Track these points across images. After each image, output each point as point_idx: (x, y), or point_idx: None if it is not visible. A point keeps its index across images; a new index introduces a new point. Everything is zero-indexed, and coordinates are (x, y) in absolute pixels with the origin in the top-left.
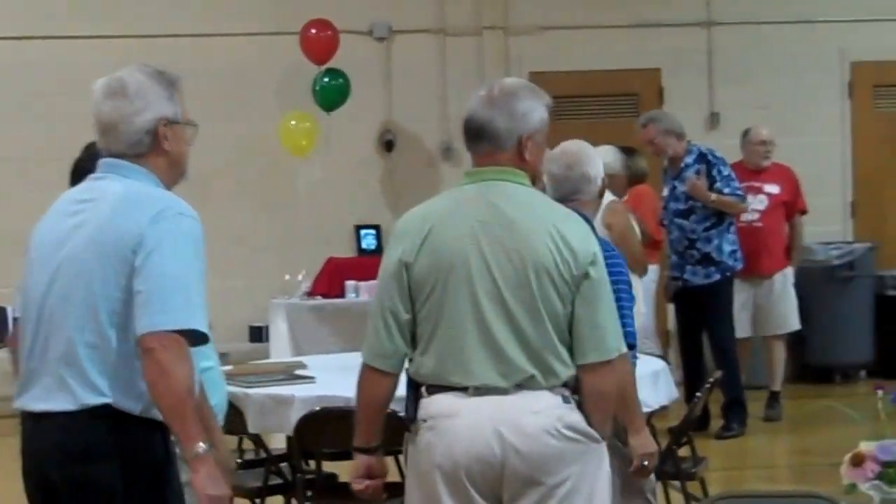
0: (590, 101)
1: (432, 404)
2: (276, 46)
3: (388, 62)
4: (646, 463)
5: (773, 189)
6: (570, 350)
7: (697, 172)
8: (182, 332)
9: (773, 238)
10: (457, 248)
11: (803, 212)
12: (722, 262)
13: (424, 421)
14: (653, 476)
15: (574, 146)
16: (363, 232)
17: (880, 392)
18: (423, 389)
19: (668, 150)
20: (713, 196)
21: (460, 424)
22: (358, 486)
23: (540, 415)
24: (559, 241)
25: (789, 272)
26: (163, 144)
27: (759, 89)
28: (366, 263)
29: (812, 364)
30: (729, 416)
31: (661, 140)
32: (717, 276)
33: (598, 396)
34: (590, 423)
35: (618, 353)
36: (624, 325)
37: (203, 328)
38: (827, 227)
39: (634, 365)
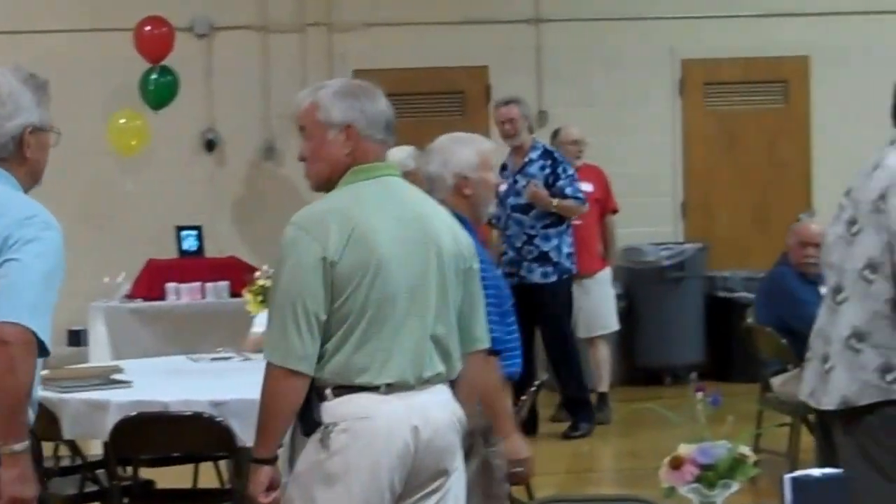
0: (416, 99)
1: (342, 406)
2: (105, 43)
3: (210, 60)
4: (520, 469)
5: (587, 188)
6: None
7: (543, 172)
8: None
9: (590, 238)
10: (380, 245)
11: (615, 211)
12: (560, 264)
13: (335, 424)
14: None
15: (441, 140)
16: (184, 233)
17: (700, 394)
18: (329, 391)
19: (520, 136)
20: (555, 202)
21: (378, 425)
22: (266, 499)
23: (445, 409)
24: (454, 235)
25: (607, 272)
26: (25, 152)
27: (589, 87)
28: (187, 265)
29: (642, 366)
30: (576, 415)
31: (519, 123)
32: (554, 277)
33: (472, 387)
34: None
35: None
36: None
37: (46, 341)
38: (658, 227)
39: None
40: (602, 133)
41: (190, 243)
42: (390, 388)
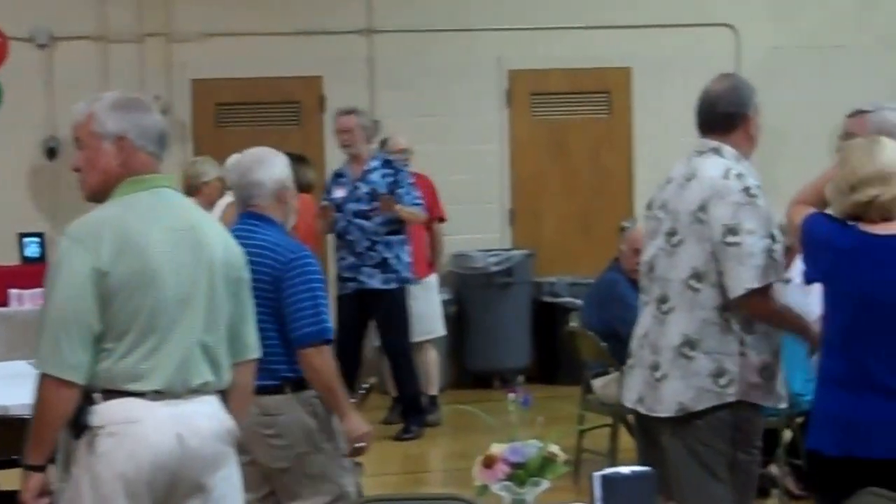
0: (253, 109)
1: (110, 410)
2: None
3: (51, 69)
4: (362, 444)
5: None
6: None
7: (385, 180)
8: None
9: (418, 244)
10: (152, 255)
11: (441, 219)
12: (399, 272)
13: (102, 427)
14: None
15: (247, 155)
16: (26, 240)
17: (511, 396)
18: (97, 395)
19: (357, 146)
20: (398, 207)
21: (143, 430)
22: None
23: (213, 418)
24: (226, 245)
25: (434, 278)
26: None
27: (421, 97)
28: (30, 271)
29: (472, 369)
30: (408, 418)
31: (359, 134)
32: (394, 284)
33: (243, 393)
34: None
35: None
36: (322, 321)
37: None
38: (487, 234)
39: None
40: (433, 142)
41: (32, 250)
42: (158, 395)
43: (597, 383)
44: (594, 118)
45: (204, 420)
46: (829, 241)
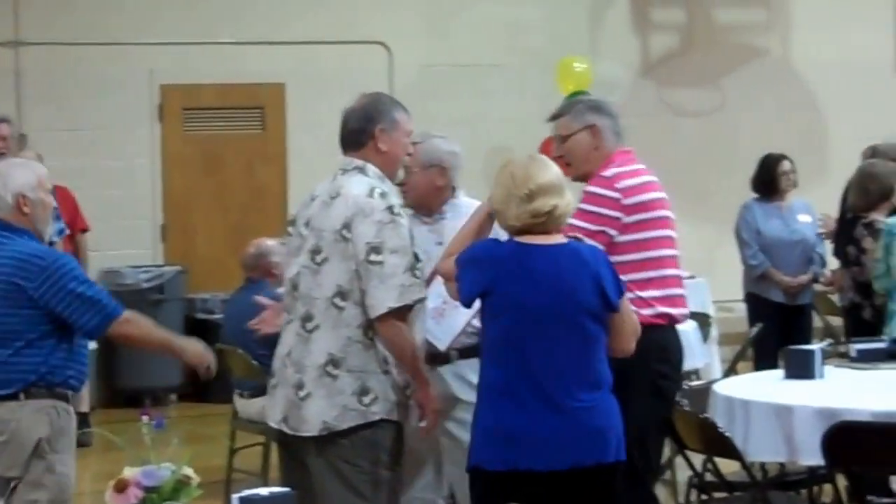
0: None
1: None
2: None
3: None
4: None
5: None
6: None
7: None
8: None
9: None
10: None
11: (84, 230)
12: None
13: None
14: None
15: None
16: None
17: (145, 418)
18: None
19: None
20: None
21: None
22: None
23: None
24: None
25: None
26: None
27: (71, 111)
28: None
29: (123, 387)
30: None
31: (12, 143)
32: None
33: None
34: None
35: None
36: (104, 307)
37: None
38: (138, 250)
39: None
40: (84, 156)
41: None
42: None
43: (240, 402)
44: (248, 133)
45: None
46: (487, 255)
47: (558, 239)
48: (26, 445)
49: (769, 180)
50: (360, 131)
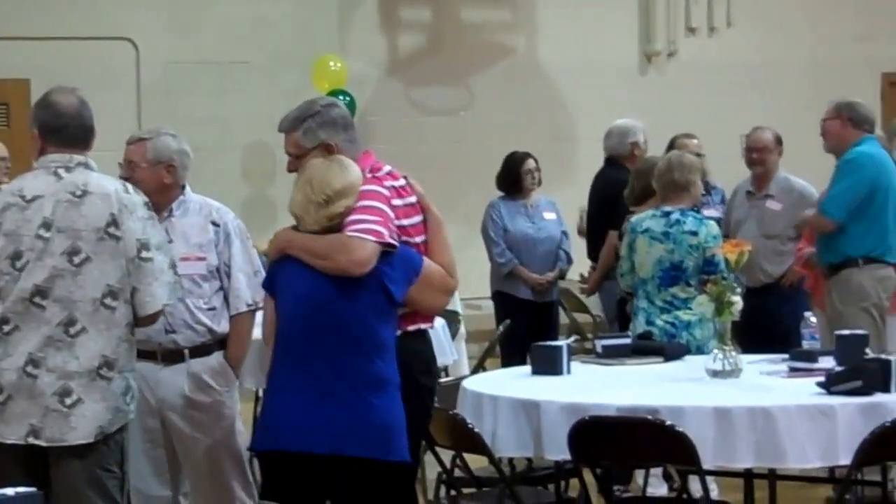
0: None
1: None
2: None
3: None
4: None
5: None
6: None
7: None
8: None
9: None
10: None
11: None
12: None
13: None
14: None
15: None
16: None
17: None
18: None
19: None
20: None
21: None
22: None
23: None
24: None
25: None
26: None
27: None
28: None
29: None
30: None
31: None
32: None
33: None
34: None
35: None
36: None
37: None
38: None
39: None
40: None
41: None
42: None
43: None
44: None
45: None
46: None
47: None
48: None
49: (514, 179)
50: (91, 129)
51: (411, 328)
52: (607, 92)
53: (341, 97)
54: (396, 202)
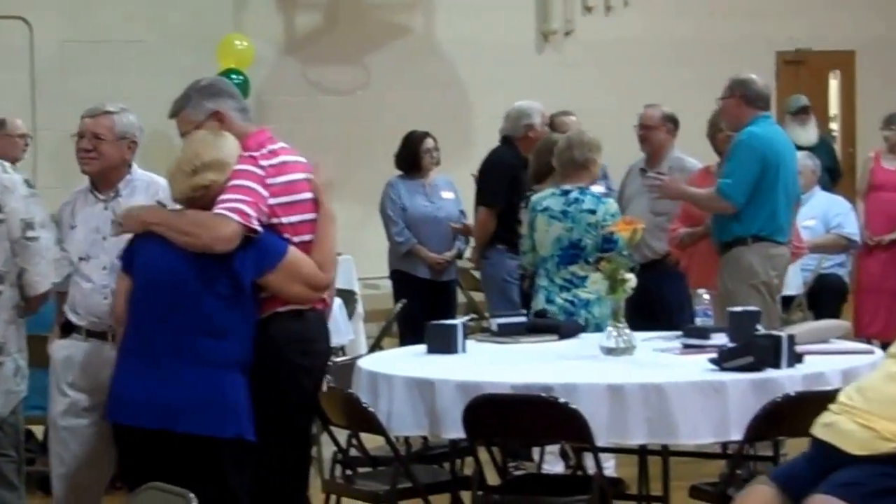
0: None
1: None
2: None
3: None
4: None
5: None
6: None
7: None
8: None
9: None
10: None
11: None
12: None
13: None
14: None
15: None
16: None
17: None
18: None
19: None
20: None
21: None
22: None
23: None
24: None
25: None
26: None
27: None
28: None
29: None
30: None
31: None
32: None
33: None
34: None
35: None
36: None
37: None
38: None
39: None
40: None
41: None
42: None
43: None
44: None
45: None
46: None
47: None
48: None
49: (412, 158)
50: None
51: (282, 309)
52: (504, 71)
53: (234, 76)
54: (277, 180)
